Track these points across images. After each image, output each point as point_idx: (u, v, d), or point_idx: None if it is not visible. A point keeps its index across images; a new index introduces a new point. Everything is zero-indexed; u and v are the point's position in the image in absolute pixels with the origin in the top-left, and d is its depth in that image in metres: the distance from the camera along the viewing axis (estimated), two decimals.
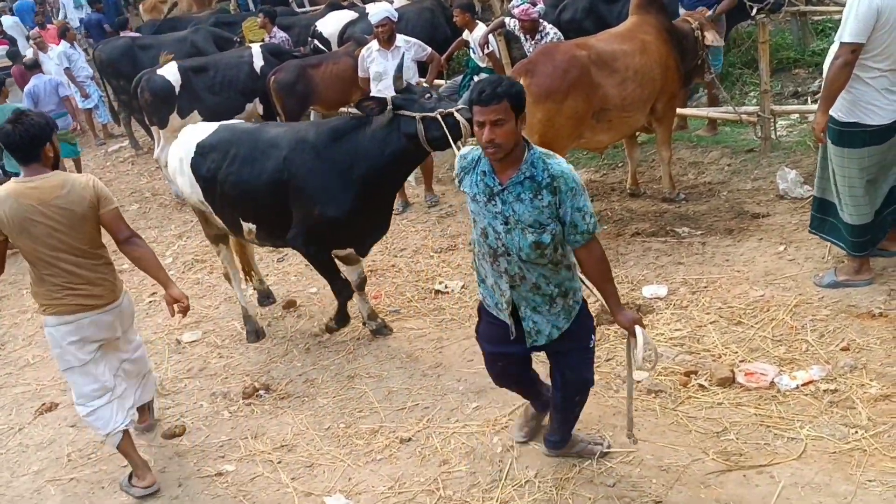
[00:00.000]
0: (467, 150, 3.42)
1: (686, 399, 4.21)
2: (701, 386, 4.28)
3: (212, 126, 5.49)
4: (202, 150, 5.28)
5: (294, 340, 5.66)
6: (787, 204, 6.19)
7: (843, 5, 7.54)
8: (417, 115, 4.55)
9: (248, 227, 5.23)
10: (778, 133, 7.29)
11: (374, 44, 7.33)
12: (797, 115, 7.69)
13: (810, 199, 6.00)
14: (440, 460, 4.09)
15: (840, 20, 4.43)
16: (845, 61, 4.27)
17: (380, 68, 7.24)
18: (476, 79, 8.20)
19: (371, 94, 7.38)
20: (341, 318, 5.54)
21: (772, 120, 7.08)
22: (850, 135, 4.44)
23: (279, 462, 4.34)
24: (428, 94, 4.73)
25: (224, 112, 9.19)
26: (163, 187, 9.99)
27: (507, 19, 7.72)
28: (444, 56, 8.51)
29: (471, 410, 4.45)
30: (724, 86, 9.11)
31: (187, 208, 9.13)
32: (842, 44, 4.28)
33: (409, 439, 4.30)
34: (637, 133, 6.79)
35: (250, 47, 9.71)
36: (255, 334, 5.79)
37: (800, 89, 8.77)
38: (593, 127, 5.95)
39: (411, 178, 7.81)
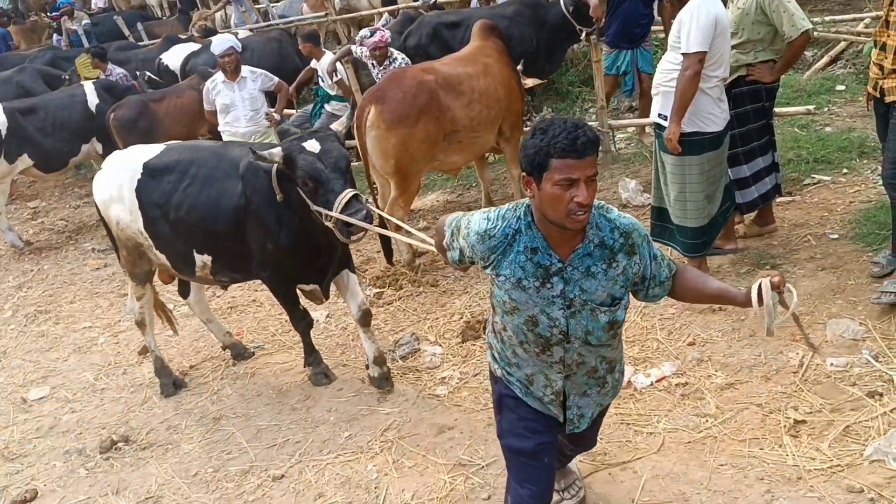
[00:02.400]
0: (486, 223, 2.63)
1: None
2: None
3: (157, 147, 4.95)
4: (152, 172, 4.71)
5: (153, 387, 5.39)
6: (630, 212, 6.53)
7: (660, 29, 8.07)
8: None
9: (202, 260, 4.72)
10: (617, 146, 7.71)
11: (218, 76, 7.18)
12: (633, 129, 8.17)
13: (650, 206, 6.40)
14: (315, 494, 4.02)
15: (664, 38, 4.72)
16: (695, 71, 4.44)
17: (227, 100, 7.09)
18: (327, 107, 8.23)
19: (218, 127, 7.24)
20: (309, 350, 5.04)
21: (610, 134, 7.47)
22: (690, 143, 4.69)
23: None
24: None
25: (58, 155, 8.76)
26: None
27: (353, 47, 7.79)
28: (293, 85, 8.46)
29: (343, 440, 4.40)
30: (566, 104, 9.60)
31: (25, 257, 8.58)
32: (689, 55, 4.41)
33: (282, 476, 4.20)
34: (486, 154, 6.99)
35: (83, 85, 9.26)
36: (174, 386, 5.29)
37: (634, 104, 9.32)
38: (445, 149, 6.08)
39: None
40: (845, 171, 6.20)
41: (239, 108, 7.09)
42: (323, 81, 8.32)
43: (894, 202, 4.35)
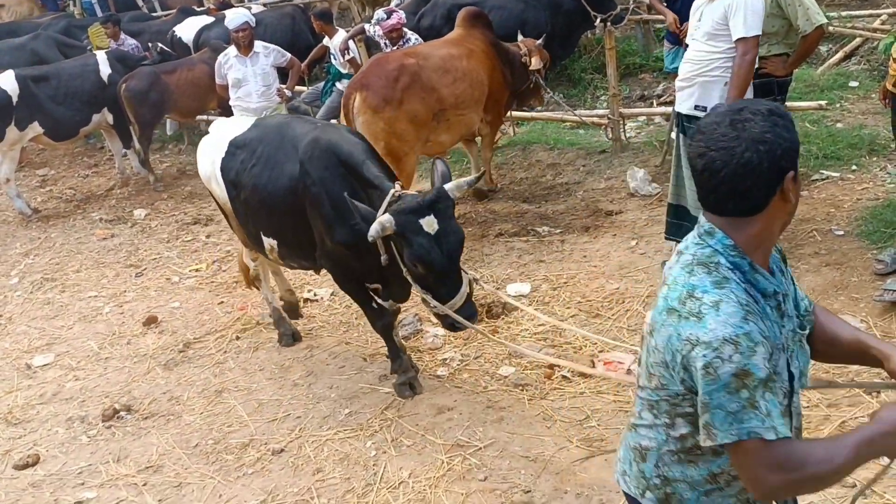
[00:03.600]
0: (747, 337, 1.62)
1: (551, 391, 4.38)
2: (564, 377, 4.46)
3: (249, 120, 4.89)
4: (234, 149, 4.63)
5: (156, 357, 5.44)
6: (637, 201, 6.55)
7: None
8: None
9: (269, 243, 4.58)
10: (627, 134, 7.69)
11: (231, 50, 7.18)
12: (644, 118, 8.15)
13: (658, 195, 6.41)
14: (314, 469, 4.06)
15: None
16: (754, 55, 4.46)
17: (239, 75, 7.11)
18: (338, 85, 8.23)
19: (230, 101, 7.25)
20: (394, 355, 4.54)
21: (621, 122, 7.46)
22: None
23: (144, 484, 4.17)
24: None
25: (68, 124, 8.78)
26: (3, 203, 9.35)
27: (366, 25, 7.77)
28: (305, 62, 8.46)
29: (343, 416, 4.45)
30: (577, 90, 9.58)
31: (32, 224, 8.63)
32: (747, 39, 4.38)
33: (282, 450, 4.25)
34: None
35: (95, 54, 9.27)
36: (292, 337, 5.31)
37: (646, 93, 9.30)
38: (435, 128, 6.18)
39: None
40: (854, 167, 6.19)
41: (251, 83, 7.10)
42: (335, 59, 8.31)
43: None
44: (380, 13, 7.49)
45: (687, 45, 4.96)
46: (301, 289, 6.11)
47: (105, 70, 8.93)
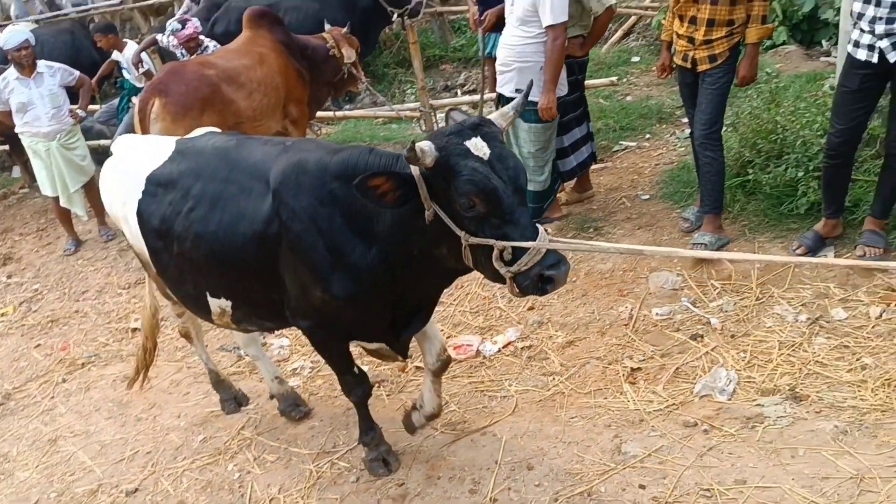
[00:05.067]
0: None
1: (407, 383, 4.44)
2: (417, 367, 4.53)
3: (168, 145, 3.68)
4: (154, 188, 3.52)
5: None
6: None
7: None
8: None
9: (218, 305, 3.50)
10: (440, 125, 7.88)
11: (10, 72, 6.59)
12: (452, 107, 8.37)
13: None
14: (175, 503, 3.87)
15: None
16: (563, 40, 4.72)
17: (23, 98, 6.55)
18: (135, 100, 7.78)
19: (16, 129, 6.68)
20: (365, 427, 3.75)
21: (432, 114, 7.64)
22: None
23: None
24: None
25: None
26: None
27: (159, 36, 7.41)
28: (95, 79, 7.91)
29: (198, 444, 4.26)
30: (384, 85, 9.68)
31: None
32: (556, 26, 4.63)
33: (136, 490, 4.00)
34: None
35: None
36: (235, 401, 4.47)
37: (449, 83, 9.58)
38: None
39: (80, 211, 7.17)
40: (648, 136, 6.73)
41: (38, 106, 6.57)
42: (128, 73, 7.85)
43: (702, 161, 4.78)
44: (173, 24, 7.17)
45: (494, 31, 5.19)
46: (126, 319, 5.77)
47: None
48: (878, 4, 3.78)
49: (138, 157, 3.73)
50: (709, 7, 4.35)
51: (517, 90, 4.88)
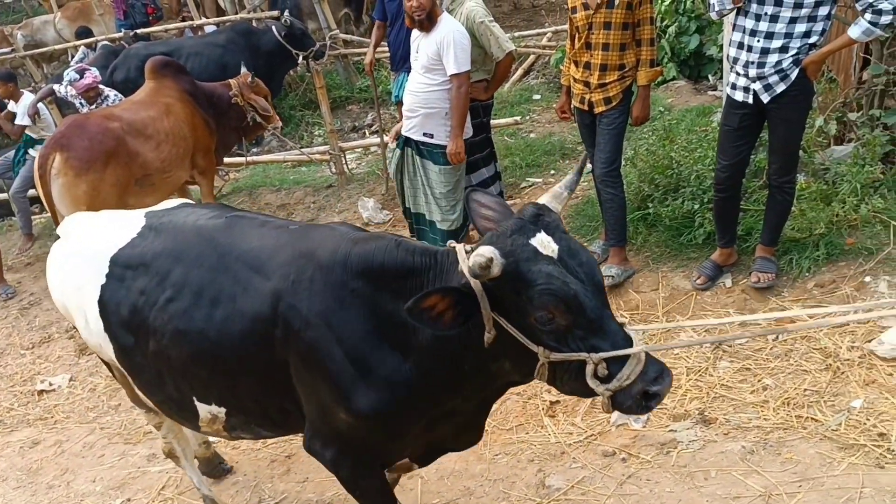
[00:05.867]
0: None
1: None
2: None
3: (136, 217, 3.15)
4: (121, 271, 2.97)
5: None
6: (372, 229, 6.79)
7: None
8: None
9: (209, 412, 2.95)
10: (349, 167, 7.94)
11: None
12: (361, 149, 8.46)
13: (391, 221, 6.72)
14: None
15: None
16: (468, 87, 4.90)
17: None
18: (31, 152, 7.56)
19: None
20: None
21: (342, 156, 7.69)
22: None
23: None
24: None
25: None
26: None
27: (56, 86, 7.23)
28: None
29: None
30: (290, 127, 9.68)
31: None
32: (460, 74, 4.80)
33: None
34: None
35: None
36: None
37: (356, 123, 9.67)
38: (138, 192, 5.98)
39: None
40: (553, 172, 6.97)
41: None
42: (25, 123, 7.59)
43: (604, 197, 4.99)
44: (71, 73, 7.02)
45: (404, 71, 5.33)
46: (31, 381, 5.54)
47: None
48: (749, 50, 4.09)
49: (98, 234, 3.17)
50: (601, 53, 4.59)
51: (425, 133, 5.02)
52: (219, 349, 2.71)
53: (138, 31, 10.59)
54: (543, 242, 2.14)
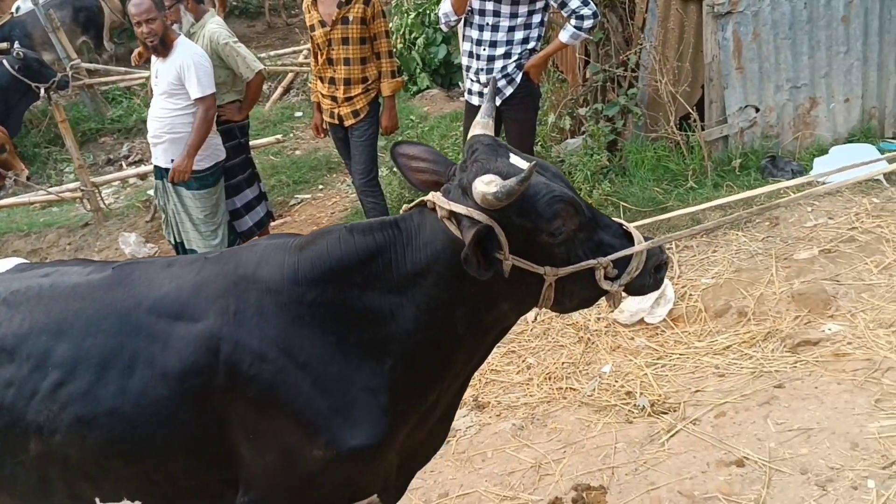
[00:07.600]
0: None
1: None
2: None
3: None
4: None
5: None
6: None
7: (123, 73, 8.09)
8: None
9: None
10: (106, 202, 7.52)
11: None
12: (118, 182, 8.04)
13: (156, 254, 6.45)
14: None
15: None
16: (214, 110, 4.85)
17: None
18: None
19: None
20: None
21: (96, 191, 7.26)
22: (210, 176, 5.01)
23: None
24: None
25: None
26: None
27: None
28: None
29: None
30: (37, 166, 8.99)
31: None
32: (205, 98, 4.71)
33: None
34: None
35: None
36: None
37: (111, 156, 9.17)
38: None
39: None
40: (321, 186, 7.05)
41: None
42: None
43: (367, 206, 5.13)
44: None
45: None
46: None
47: None
48: (478, 58, 4.42)
49: None
50: (344, 68, 4.74)
51: (172, 160, 4.89)
52: (138, 428, 2.16)
53: None
54: (520, 161, 2.02)
